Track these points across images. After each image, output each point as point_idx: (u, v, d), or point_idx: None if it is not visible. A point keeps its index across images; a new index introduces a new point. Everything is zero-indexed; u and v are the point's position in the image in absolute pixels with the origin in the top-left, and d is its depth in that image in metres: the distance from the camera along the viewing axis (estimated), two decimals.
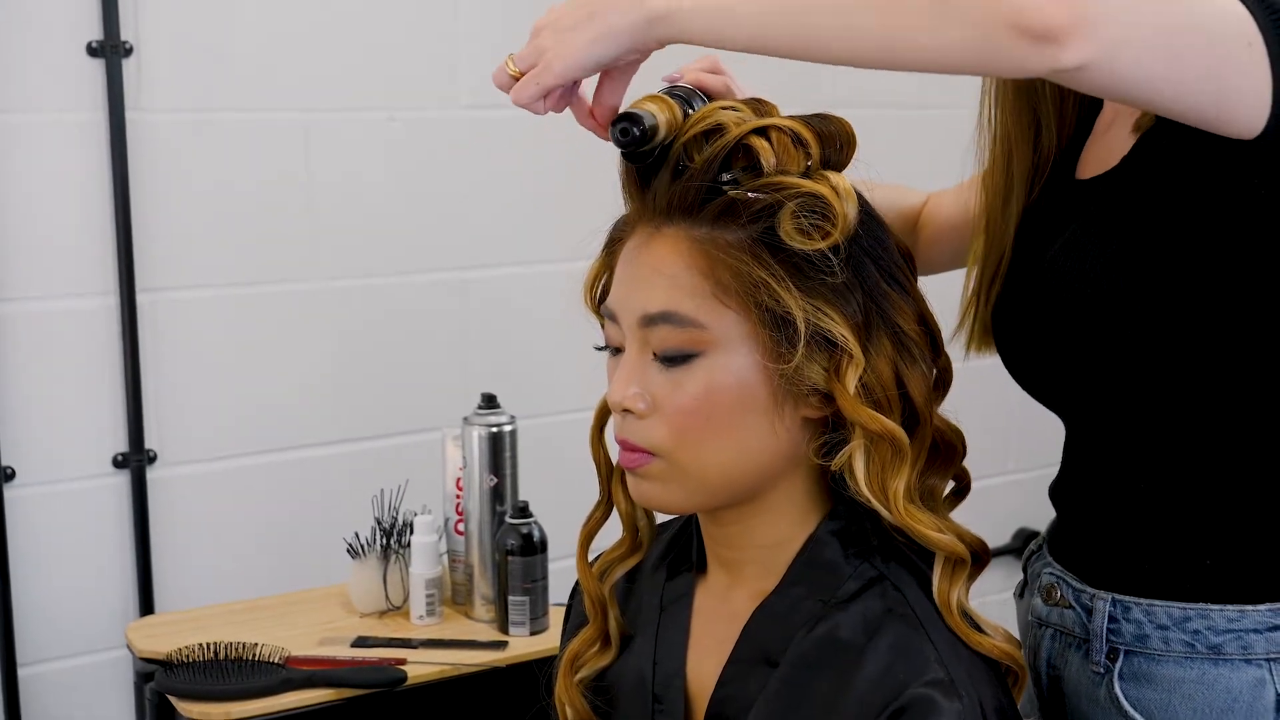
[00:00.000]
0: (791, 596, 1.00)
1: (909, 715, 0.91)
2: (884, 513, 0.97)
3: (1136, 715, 1.05)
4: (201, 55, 2.01)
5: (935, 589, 0.99)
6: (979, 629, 0.99)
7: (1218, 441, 1.02)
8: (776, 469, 0.99)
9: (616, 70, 1.00)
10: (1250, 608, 1.02)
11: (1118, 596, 1.06)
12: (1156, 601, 1.04)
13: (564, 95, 1.00)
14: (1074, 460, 1.14)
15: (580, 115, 1.03)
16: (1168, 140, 0.99)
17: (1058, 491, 1.17)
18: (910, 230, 1.39)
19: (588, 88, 1.02)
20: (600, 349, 1.04)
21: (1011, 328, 1.12)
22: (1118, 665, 1.06)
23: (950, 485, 1.06)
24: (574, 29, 0.95)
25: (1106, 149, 1.09)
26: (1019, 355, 1.13)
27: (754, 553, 1.03)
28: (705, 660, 1.05)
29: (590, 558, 1.12)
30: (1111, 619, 1.06)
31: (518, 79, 0.99)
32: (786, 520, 1.01)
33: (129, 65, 1.96)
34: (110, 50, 1.93)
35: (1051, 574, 1.13)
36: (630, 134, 0.96)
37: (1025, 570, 1.22)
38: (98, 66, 1.94)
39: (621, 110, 0.99)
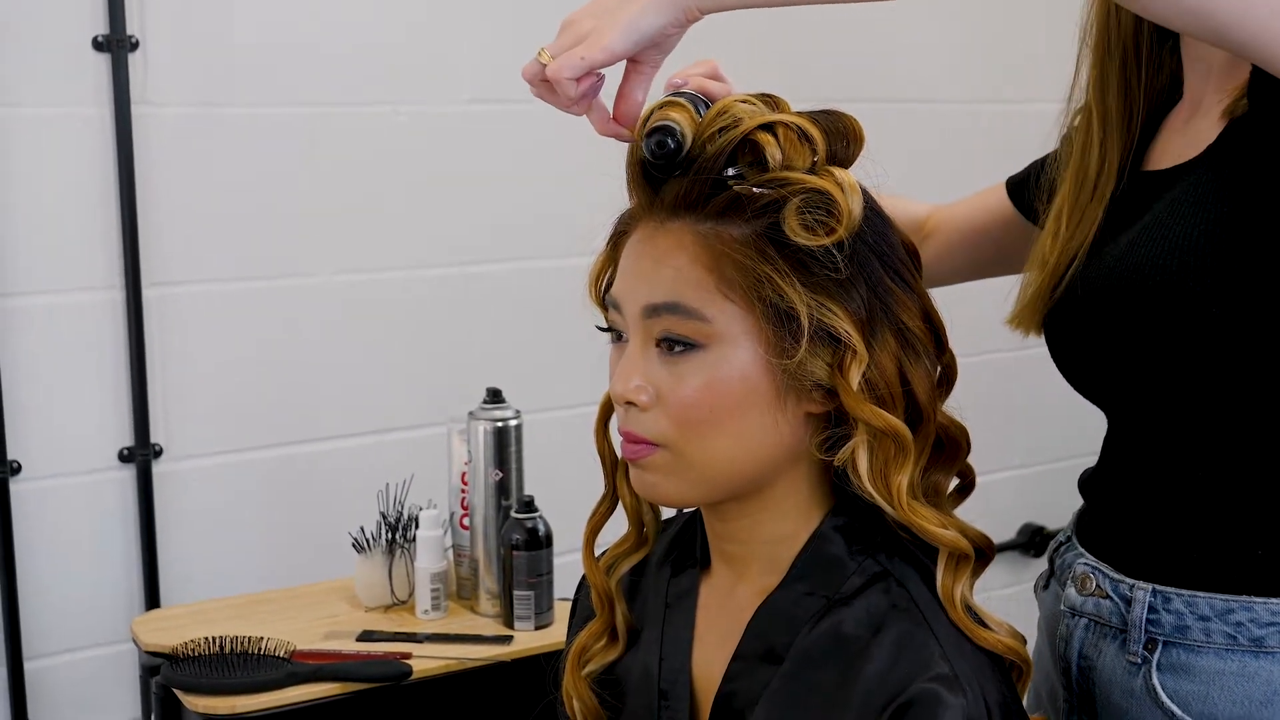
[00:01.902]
0: (795, 592, 1.00)
1: (914, 710, 0.91)
2: (887, 509, 0.97)
3: (1174, 706, 1.05)
4: (207, 50, 2.01)
5: (939, 584, 0.99)
6: (983, 624, 0.99)
7: (1278, 430, 1.02)
8: (779, 463, 0.99)
9: (643, 65, 1.00)
10: None
11: (1158, 587, 1.06)
12: (1199, 593, 1.04)
13: (587, 94, 0.99)
14: (1117, 452, 1.14)
15: (600, 122, 1.02)
16: (1263, 124, 0.98)
17: (1093, 483, 1.17)
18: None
19: (605, 96, 1.01)
20: (603, 329, 1.04)
21: (1070, 315, 1.12)
22: (1156, 656, 1.06)
23: (955, 482, 1.06)
24: (619, 7, 0.95)
25: (1186, 140, 1.09)
26: (1074, 344, 1.12)
27: (758, 548, 1.03)
28: (711, 656, 1.05)
29: (597, 553, 1.12)
30: (1151, 609, 1.06)
31: None
32: (790, 516, 1.01)
33: (135, 60, 1.96)
34: (116, 45, 1.93)
35: (1085, 564, 1.13)
36: (666, 146, 0.96)
37: (1051, 562, 1.22)
38: (103, 61, 1.94)
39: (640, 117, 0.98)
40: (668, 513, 1.14)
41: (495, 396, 1.89)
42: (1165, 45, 1.16)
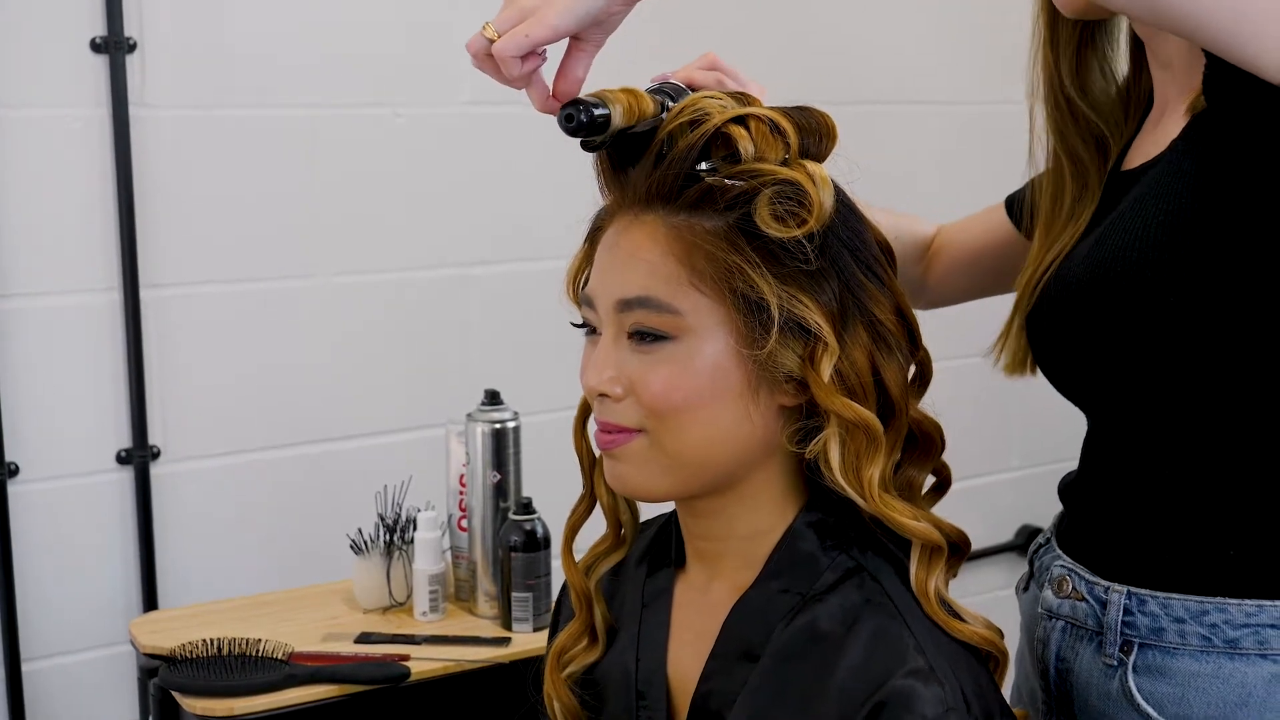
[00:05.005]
0: (769, 590, 1.00)
1: (890, 709, 0.91)
2: (859, 501, 0.97)
3: (1149, 708, 1.05)
4: (205, 52, 2.01)
5: (912, 577, 0.99)
6: (958, 617, 1.00)
7: (1248, 430, 1.02)
8: (752, 456, 1.00)
9: (585, 43, 1.00)
10: (1269, 603, 1.02)
11: (1133, 589, 1.07)
12: (1174, 595, 1.05)
13: (529, 72, 0.99)
14: (1095, 456, 1.14)
15: (539, 99, 1.01)
16: (1217, 117, 0.99)
17: (1073, 489, 1.17)
18: (920, 261, 1.39)
19: (546, 73, 1.01)
20: (577, 326, 1.05)
21: (1048, 316, 1.12)
22: (1131, 658, 1.06)
23: (931, 481, 1.07)
24: None
25: (1155, 139, 1.11)
26: (1049, 342, 1.13)
27: (732, 545, 1.03)
28: (687, 655, 1.05)
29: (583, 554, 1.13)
30: (1127, 611, 1.07)
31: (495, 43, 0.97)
32: (763, 511, 1.02)
33: (132, 61, 1.96)
34: (114, 46, 1.93)
35: (1063, 566, 1.13)
36: (575, 120, 0.96)
37: (1031, 564, 1.22)
38: (101, 63, 1.94)
39: (581, 95, 0.98)
40: (646, 514, 1.14)
41: (493, 398, 1.89)
42: (1111, 87, 1.20)
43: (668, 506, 1.11)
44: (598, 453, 1.05)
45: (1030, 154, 1.26)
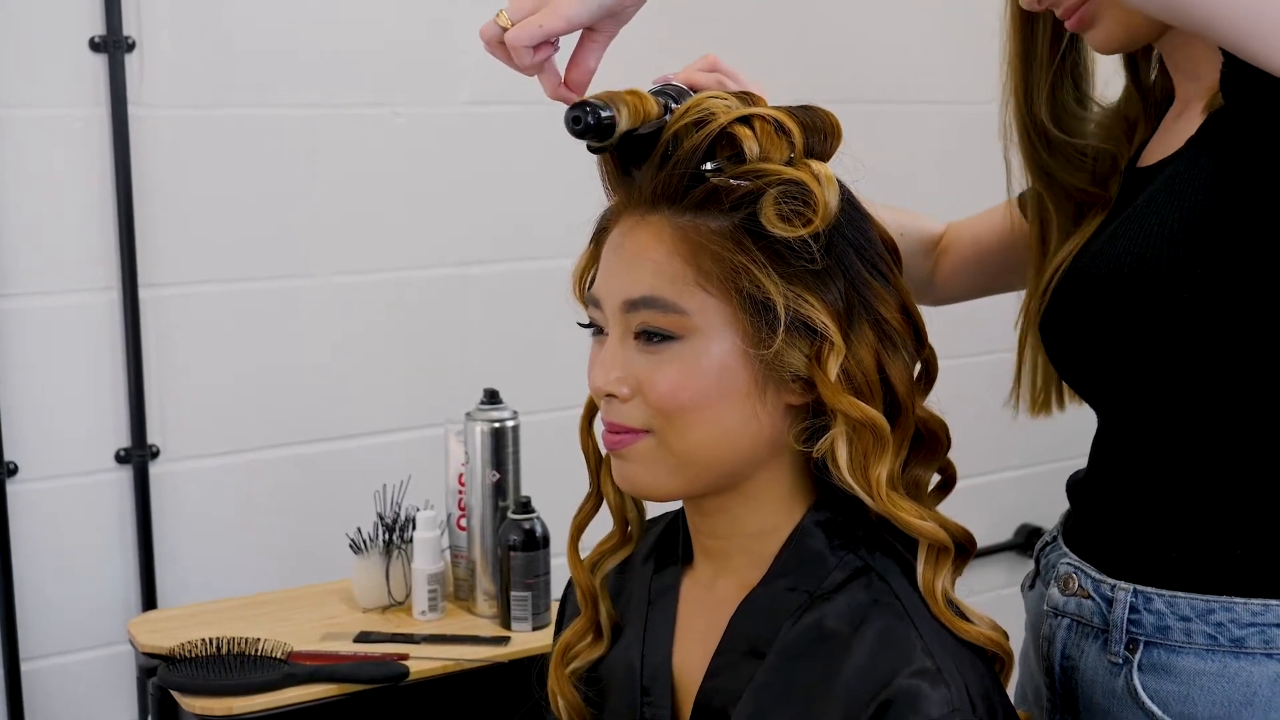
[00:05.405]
0: (777, 588, 1.01)
1: (895, 708, 0.91)
2: (867, 500, 0.97)
3: (1154, 707, 1.05)
4: (204, 51, 2.01)
5: (920, 577, 0.99)
6: (965, 618, 1.00)
7: (1258, 430, 1.02)
8: (759, 455, 1.00)
9: (598, 33, 1.00)
10: (1275, 602, 1.02)
11: (1139, 587, 1.07)
12: (1180, 593, 1.04)
13: (541, 61, 0.99)
14: (1105, 454, 1.14)
15: (550, 87, 1.02)
16: (1235, 114, 0.99)
17: (1081, 487, 1.17)
18: (928, 258, 1.39)
19: (559, 61, 1.01)
20: (584, 326, 1.05)
21: (1062, 311, 1.12)
22: (1137, 656, 1.06)
23: (936, 479, 1.07)
24: None
25: (1173, 137, 1.10)
26: (1062, 338, 1.13)
27: (739, 542, 1.03)
28: (692, 651, 1.05)
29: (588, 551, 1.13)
30: (1133, 609, 1.06)
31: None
32: (771, 510, 1.02)
33: (131, 61, 1.95)
34: (113, 45, 1.93)
35: (1069, 564, 1.13)
36: (582, 122, 0.96)
37: (1037, 562, 1.22)
38: (100, 62, 1.94)
39: (586, 97, 0.98)
40: (653, 511, 1.14)
41: (492, 397, 1.89)
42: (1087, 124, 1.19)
43: (675, 504, 1.11)
44: (604, 451, 1.05)
45: (1010, 195, 1.26)
